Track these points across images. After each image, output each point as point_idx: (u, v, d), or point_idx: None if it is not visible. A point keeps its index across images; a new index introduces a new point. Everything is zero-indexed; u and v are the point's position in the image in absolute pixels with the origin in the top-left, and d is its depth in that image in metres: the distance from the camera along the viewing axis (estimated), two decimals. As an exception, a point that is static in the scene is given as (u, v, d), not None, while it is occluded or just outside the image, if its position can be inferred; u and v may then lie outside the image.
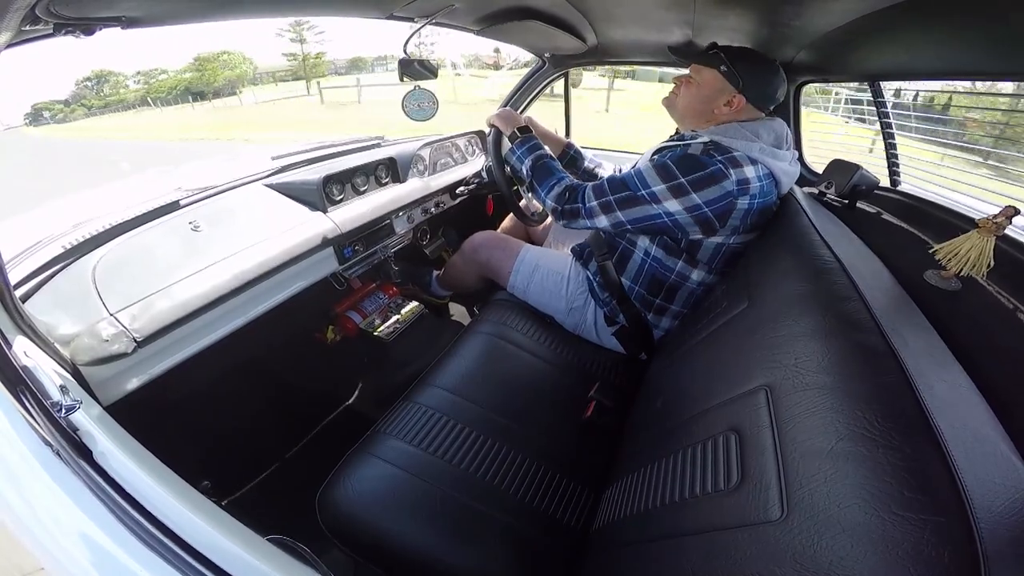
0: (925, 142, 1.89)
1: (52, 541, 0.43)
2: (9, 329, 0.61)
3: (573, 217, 1.09)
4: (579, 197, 1.08)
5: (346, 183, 1.33)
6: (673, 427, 0.73)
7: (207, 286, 0.90)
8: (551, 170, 1.13)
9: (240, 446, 1.19)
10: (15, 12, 0.49)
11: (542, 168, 1.14)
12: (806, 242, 0.82)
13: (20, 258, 0.83)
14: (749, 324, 0.78)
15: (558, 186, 1.10)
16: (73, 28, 0.65)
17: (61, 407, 0.52)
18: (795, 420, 0.51)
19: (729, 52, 1.03)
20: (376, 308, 1.63)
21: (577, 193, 1.08)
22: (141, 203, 1.03)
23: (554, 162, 1.16)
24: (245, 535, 0.45)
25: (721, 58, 1.03)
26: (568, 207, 1.09)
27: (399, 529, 0.73)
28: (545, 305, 1.32)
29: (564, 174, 1.13)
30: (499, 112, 1.29)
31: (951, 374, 0.53)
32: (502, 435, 0.90)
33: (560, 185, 1.10)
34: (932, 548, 0.34)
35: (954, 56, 0.92)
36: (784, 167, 1.02)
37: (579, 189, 1.09)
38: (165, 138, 14.70)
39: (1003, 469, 0.41)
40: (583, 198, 1.07)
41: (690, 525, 0.55)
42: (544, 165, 1.14)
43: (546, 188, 1.12)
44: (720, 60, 1.03)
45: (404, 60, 1.12)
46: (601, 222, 1.07)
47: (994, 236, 0.68)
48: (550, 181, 1.12)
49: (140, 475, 0.48)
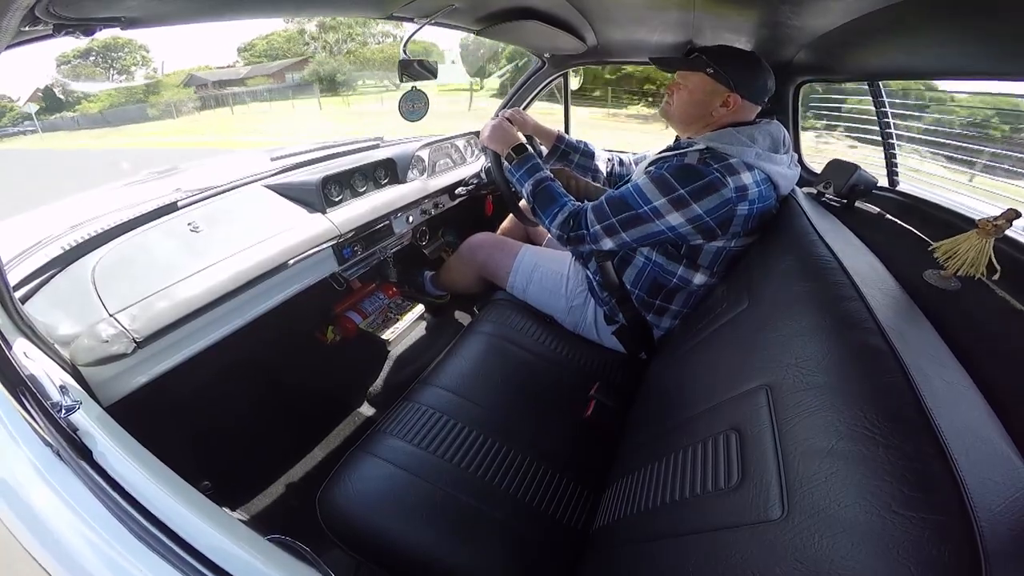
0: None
1: (52, 541, 0.43)
2: (9, 330, 0.61)
3: (578, 243, 1.08)
4: (582, 223, 1.06)
5: (345, 184, 1.33)
6: (673, 426, 0.73)
7: (206, 287, 0.90)
8: (552, 196, 1.11)
9: (240, 446, 1.19)
10: (15, 12, 0.49)
11: (543, 193, 1.11)
12: (806, 242, 0.82)
13: (20, 259, 0.83)
14: (749, 324, 0.78)
15: (561, 213, 1.08)
16: (73, 29, 0.65)
17: (61, 407, 0.52)
18: (795, 419, 0.51)
19: (710, 53, 1.02)
20: (376, 308, 1.64)
21: (580, 219, 1.07)
22: (140, 204, 1.03)
23: (554, 185, 1.13)
24: (245, 535, 0.45)
25: (704, 61, 1.02)
26: (573, 234, 1.07)
27: (399, 528, 0.73)
28: (545, 304, 1.31)
29: (566, 199, 1.11)
30: (491, 132, 1.22)
31: (951, 373, 0.53)
32: (502, 435, 0.90)
33: (563, 213, 1.08)
34: (932, 547, 0.34)
35: (954, 56, 0.92)
36: (782, 170, 1.02)
37: (581, 214, 1.07)
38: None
39: (1003, 468, 0.41)
40: (586, 223, 1.06)
41: (690, 524, 0.55)
42: (544, 190, 1.11)
43: (549, 216, 1.10)
44: (704, 63, 1.02)
45: (404, 60, 1.11)
46: (606, 244, 1.06)
47: (993, 238, 0.68)
48: (552, 209, 1.09)
49: (140, 475, 0.47)
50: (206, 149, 13.07)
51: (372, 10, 1.14)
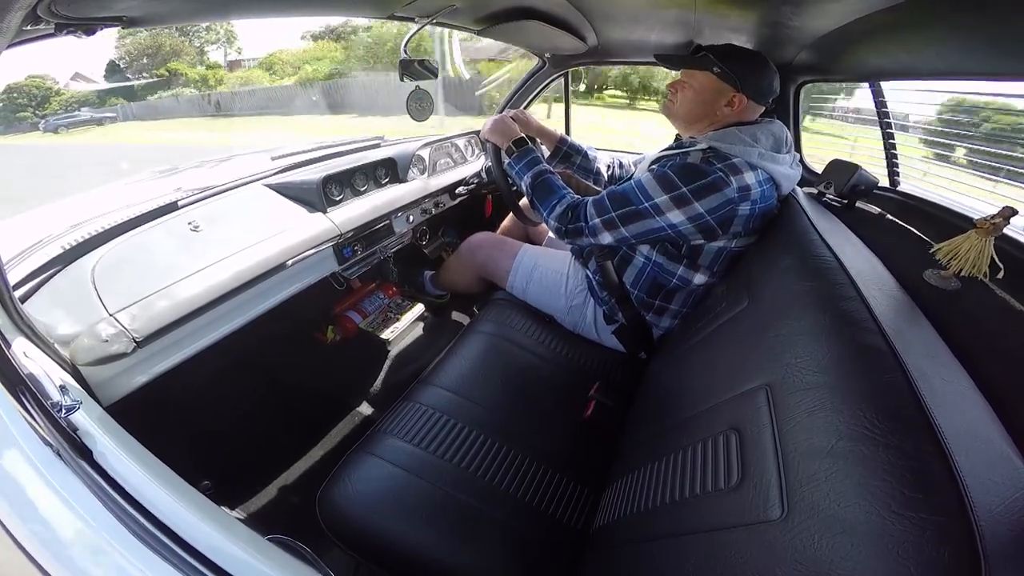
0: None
1: (52, 541, 0.43)
2: (9, 330, 0.61)
3: (576, 236, 1.08)
4: (581, 215, 1.06)
5: (346, 183, 1.33)
6: (673, 426, 0.73)
7: (206, 286, 0.89)
8: (551, 188, 1.11)
9: (240, 446, 1.19)
10: (16, 12, 0.49)
11: (542, 186, 1.11)
12: (806, 241, 0.82)
13: (19, 258, 0.83)
14: (749, 323, 0.78)
15: (559, 205, 1.08)
16: (74, 28, 0.65)
17: (61, 407, 0.52)
18: (795, 419, 0.51)
19: (716, 52, 1.02)
20: (376, 308, 1.64)
21: (579, 211, 1.06)
22: (141, 203, 1.03)
23: (553, 177, 1.13)
24: (245, 535, 0.45)
25: (711, 59, 1.02)
26: (571, 226, 1.07)
27: (399, 528, 0.73)
28: (544, 304, 1.31)
29: (565, 191, 1.10)
30: (492, 125, 1.24)
31: (951, 373, 0.53)
32: (502, 434, 0.90)
33: (561, 205, 1.08)
34: (932, 547, 0.34)
35: (955, 56, 0.92)
36: (784, 171, 1.02)
37: (580, 207, 1.07)
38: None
39: (1003, 468, 0.41)
40: (585, 216, 1.05)
41: (690, 524, 0.55)
42: (544, 183, 1.12)
43: (547, 208, 1.10)
44: (710, 62, 1.02)
45: (404, 60, 1.11)
46: (605, 238, 1.06)
47: (992, 236, 0.68)
48: (551, 200, 1.09)
49: (140, 475, 0.48)
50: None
51: (372, 10, 1.15)
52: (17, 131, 19.53)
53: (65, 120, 17.85)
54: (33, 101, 20.68)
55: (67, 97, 21.58)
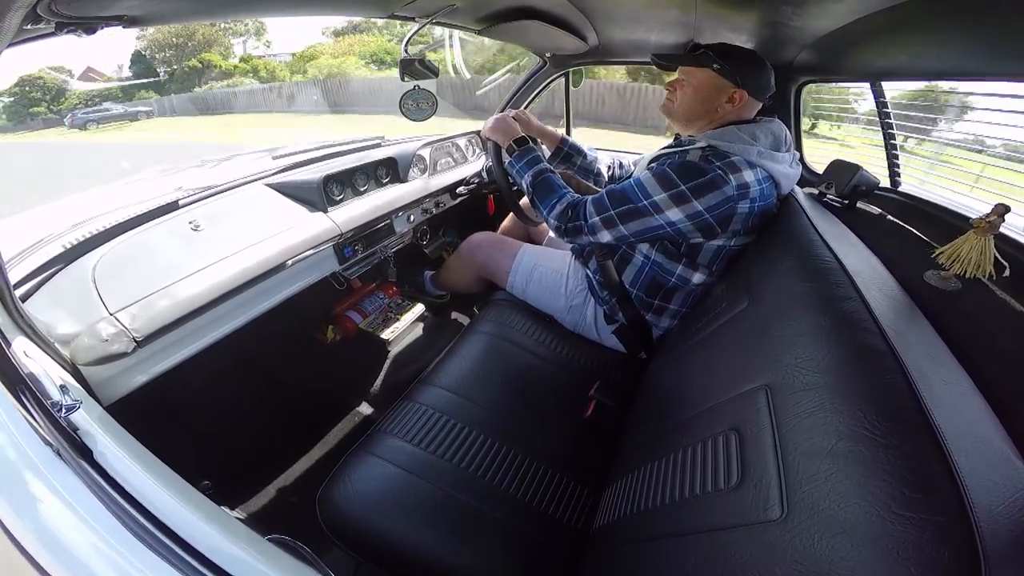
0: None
1: (52, 541, 0.43)
2: (9, 329, 0.61)
3: (576, 234, 1.08)
4: (580, 214, 1.06)
5: (346, 183, 1.33)
6: (673, 426, 0.73)
7: (207, 285, 0.89)
8: (551, 187, 1.11)
9: (240, 446, 1.19)
10: (16, 11, 0.49)
11: (542, 184, 1.12)
12: (806, 242, 0.82)
13: (20, 257, 0.83)
14: (749, 323, 0.78)
15: (559, 204, 1.08)
16: (75, 27, 0.65)
17: (61, 407, 0.52)
18: (795, 419, 0.51)
19: (714, 50, 1.03)
20: (376, 308, 1.64)
21: (578, 210, 1.06)
22: (142, 202, 1.03)
23: (553, 176, 1.13)
24: (245, 535, 0.45)
25: (710, 56, 1.02)
26: (570, 225, 1.07)
27: (399, 528, 0.73)
28: (545, 304, 1.31)
29: (564, 190, 1.11)
30: (493, 124, 1.24)
31: (951, 374, 0.53)
32: (502, 434, 0.90)
33: (561, 203, 1.08)
34: (932, 548, 0.34)
35: (955, 56, 0.92)
36: (783, 169, 1.02)
37: (580, 205, 1.07)
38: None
39: (1003, 469, 0.41)
40: (584, 214, 1.05)
41: (690, 524, 0.55)
42: (544, 181, 1.12)
43: (547, 206, 1.10)
44: (710, 59, 1.02)
45: (405, 59, 1.11)
46: (604, 237, 1.05)
47: (991, 235, 0.68)
48: (551, 199, 1.09)
49: (140, 475, 0.48)
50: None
51: (373, 10, 1.14)
52: (30, 128, 17.36)
53: (95, 115, 15.56)
54: (48, 95, 18.25)
55: (96, 92, 18.87)
